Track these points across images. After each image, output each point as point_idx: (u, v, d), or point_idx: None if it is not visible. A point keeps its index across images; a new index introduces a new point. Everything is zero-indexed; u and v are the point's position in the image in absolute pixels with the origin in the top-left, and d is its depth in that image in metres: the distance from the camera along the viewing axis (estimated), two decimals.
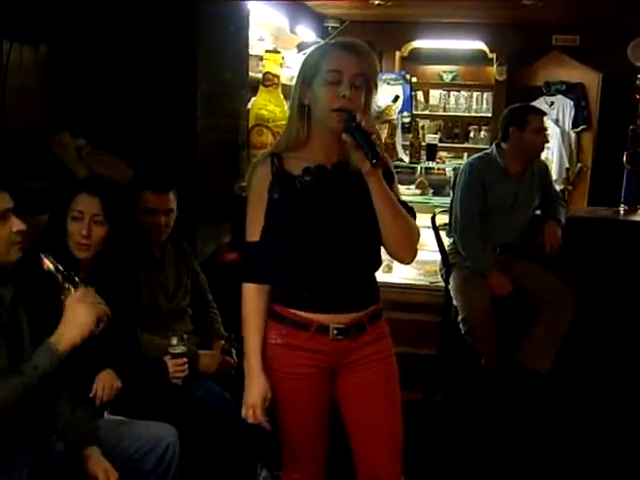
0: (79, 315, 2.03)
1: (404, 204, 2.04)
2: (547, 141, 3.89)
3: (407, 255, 2.07)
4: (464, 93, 8.59)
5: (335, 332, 2.02)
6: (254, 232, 2.03)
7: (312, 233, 1.97)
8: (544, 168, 4.05)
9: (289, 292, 2.04)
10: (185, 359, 2.69)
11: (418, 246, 2.11)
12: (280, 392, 2.09)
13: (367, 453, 2.14)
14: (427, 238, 4.25)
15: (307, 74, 1.98)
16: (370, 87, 1.97)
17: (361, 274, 2.07)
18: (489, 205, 3.75)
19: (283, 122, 4.14)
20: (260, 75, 4.33)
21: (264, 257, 2.02)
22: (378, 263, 2.12)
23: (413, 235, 2.03)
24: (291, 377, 2.07)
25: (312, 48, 2.08)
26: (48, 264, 2.08)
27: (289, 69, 5.28)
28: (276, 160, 2.01)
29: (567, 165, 7.07)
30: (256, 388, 2.05)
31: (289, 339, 2.04)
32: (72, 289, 2.07)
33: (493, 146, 3.91)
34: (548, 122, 7.07)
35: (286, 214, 1.98)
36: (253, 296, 2.05)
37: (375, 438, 2.12)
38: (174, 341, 2.67)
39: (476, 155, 4.02)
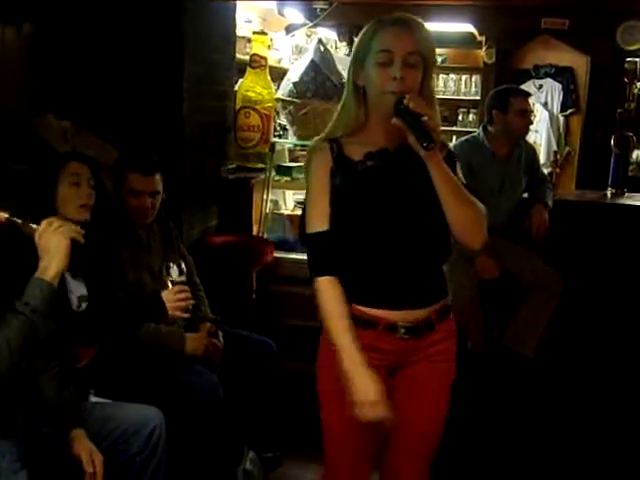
0: (52, 242, 2.00)
1: (468, 188, 1.91)
2: (531, 122, 3.88)
3: (475, 241, 1.89)
4: (453, 76, 8.58)
5: (403, 331, 1.89)
6: (319, 221, 1.86)
7: (377, 222, 1.85)
8: (532, 151, 4.06)
9: (354, 287, 1.88)
10: (186, 287, 2.63)
11: None
12: (335, 404, 1.93)
13: (396, 455, 2.03)
14: None
15: (359, 54, 1.86)
16: (427, 65, 1.83)
17: (430, 266, 1.94)
18: (476, 188, 3.75)
19: (270, 104, 4.15)
20: (247, 57, 4.30)
21: (334, 246, 1.87)
22: (448, 252, 1.97)
23: (479, 220, 1.87)
24: None
25: (367, 26, 1.88)
26: (2, 214, 2.06)
27: (277, 51, 5.26)
28: (335, 146, 1.88)
29: (555, 148, 7.08)
30: (364, 381, 1.81)
31: None
32: (35, 225, 2.04)
33: (480, 129, 3.91)
34: (537, 105, 7.12)
35: (348, 202, 1.85)
36: (330, 288, 1.86)
37: (409, 439, 2.01)
38: (174, 272, 2.61)
39: (463, 138, 4.02)
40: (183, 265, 2.74)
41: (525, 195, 3.98)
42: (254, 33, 4.39)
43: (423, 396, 1.99)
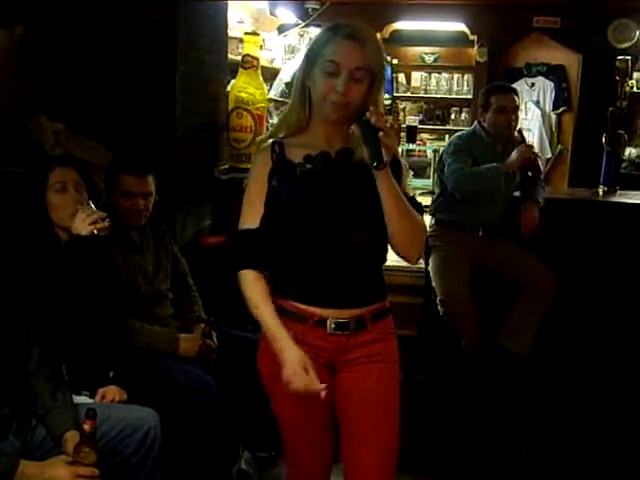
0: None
1: (412, 199, 1.94)
2: (512, 119, 3.84)
3: (412, 255, 1.96)
4: (445, 75, 8.62)
5: (333, 326, 1.92)
6: (251, 219, 1.92)
7: (311, 224, 1.89)
8: None
9: (288, 283, 1.95)
10: (94, 211, 2.42)
11: None
12: (278, 386, 1.97)
13: (355, 464, 2.00)
14: None
15: (310, 57, 1.89)
16: (376, 78, 1.87)
17: (365, 267, 1.96)
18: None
19: (263, 105, 4.15)
20: (239, 57, 4.30)
21: (262, 244, 1.93)
22: (384, 255, 2.00)
23: (419, 234, 1.93)
24: None
25: (321, 29, 1.94)
26: None
27: (269, 51, 5.27)
28: (277, 147, 1.92)
29: (549, 155, 7.14)
30: (294, 352, 1.87)
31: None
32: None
33: (476, 124, 3.94)
34: (529, 104, 7.14)
35: (284, 203, 1.89)
36: (254, 280, 1.93)
37: (365, 447, 1.98)
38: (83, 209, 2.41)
39: (464, 131, 4.10)
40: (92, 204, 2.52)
41: (517, 193, 4.00)
42: (246, 33, 4.39)
43: (369, 404, 1.98)
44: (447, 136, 8.01)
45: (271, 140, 1.95)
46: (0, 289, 2.15)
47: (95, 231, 2.37)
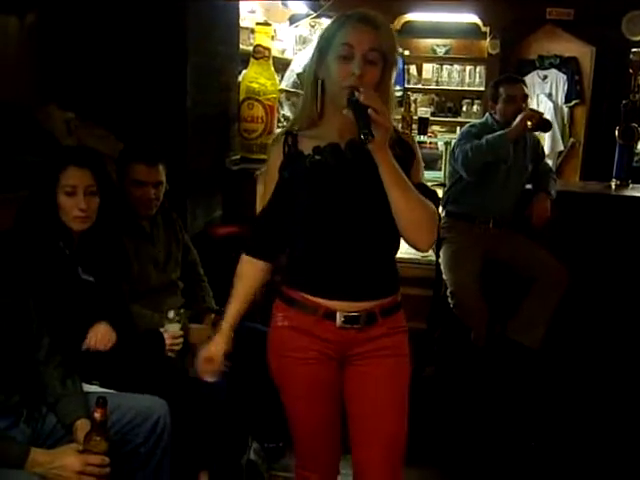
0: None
1: (424, 187, 1.91)
2: (522, 108, 3.83)
3: (420, 242, 1.91)
4: (457, 67, 8.57)
5: (342, 320, 1.92)
6: (262, 209, 2.01)
7: (321, 216, 1.89)
8: (535, 139, 4.08)
9: (298, 274, 1.97)
10: (181, 332, 2.68)
11: None
12: (288, 378, 2.02)
13: (363, 455, 2.01)
14: None
15: (322, 47, 1.88)
16: (388, 62, 1.86)
17: (376, 260, 1.94)
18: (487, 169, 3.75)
19: (274, 95, 4.15)
20: (251, 48, 4.29)
21: (264, 233, 2.00)
22: (395, 248, 1.98)
23: (427, 220, 1.86)
24: (298, 362, 1.97)
25: (331, 20, 1.95)
26: None
27: (280, 42, 5.25)
28: (290, 139, 1.93)
29: (561, 148, 7.10)
30: (216, 340, 2.12)
31: (295, 322, 1.96)
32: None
33: (488, 116, 3.93)
34: (541, 96, 7.10)
35: (295, 195, 1.90)
36: (244, 266, 2.06)
37: (373, 439, 1.98)
38: (171, 315, 2.66)
39: (475, 121, 4.12)
40: (182, 310, 2.78)
41: (529, 186, 3.98)
42: (257, 24, 4.38)
43: (378, 397, 1.98)
44: (458, 128, 7.99)
45: (285, 133, 1.96)
46: (11, 279, 2.16)
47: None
